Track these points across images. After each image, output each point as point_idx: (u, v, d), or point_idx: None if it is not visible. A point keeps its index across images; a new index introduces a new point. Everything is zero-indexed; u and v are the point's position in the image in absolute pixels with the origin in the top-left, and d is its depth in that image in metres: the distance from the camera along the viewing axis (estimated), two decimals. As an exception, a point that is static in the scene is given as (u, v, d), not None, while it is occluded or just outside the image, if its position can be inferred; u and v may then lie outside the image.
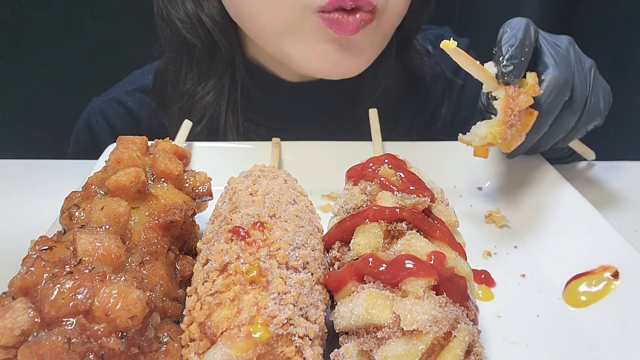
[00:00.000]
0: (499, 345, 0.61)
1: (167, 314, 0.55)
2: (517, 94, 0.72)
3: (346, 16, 0.82)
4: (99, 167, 0.75)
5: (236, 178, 0.70)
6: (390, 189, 0.62)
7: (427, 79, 1.21)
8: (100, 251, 0.51)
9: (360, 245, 0.56)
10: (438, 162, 0.95)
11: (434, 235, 0.57)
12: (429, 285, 0.50)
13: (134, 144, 0.70)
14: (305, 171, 0.86)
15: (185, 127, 0.92)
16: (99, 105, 1.23)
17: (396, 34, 1.00)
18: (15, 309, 0.46)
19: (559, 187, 0.85)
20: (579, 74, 0.78)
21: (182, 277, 0.61)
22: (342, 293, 0.55)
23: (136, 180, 0.60)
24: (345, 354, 0.50)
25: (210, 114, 1.07)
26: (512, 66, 0.72)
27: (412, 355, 0.46)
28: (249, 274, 0.51)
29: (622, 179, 1.01)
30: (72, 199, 0.63)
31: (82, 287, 0.47)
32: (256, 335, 0.46)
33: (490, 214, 0.87)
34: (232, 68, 1.07)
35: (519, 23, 0.75)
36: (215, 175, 0.76)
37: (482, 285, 0.71)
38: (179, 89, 1.09)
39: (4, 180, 0.99)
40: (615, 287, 0.66)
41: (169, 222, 0.59)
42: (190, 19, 1.01)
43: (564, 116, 0.78)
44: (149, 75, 1.22)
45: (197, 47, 1.04)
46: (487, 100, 0.78)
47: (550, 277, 0.73)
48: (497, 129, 0.73)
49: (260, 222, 0.57)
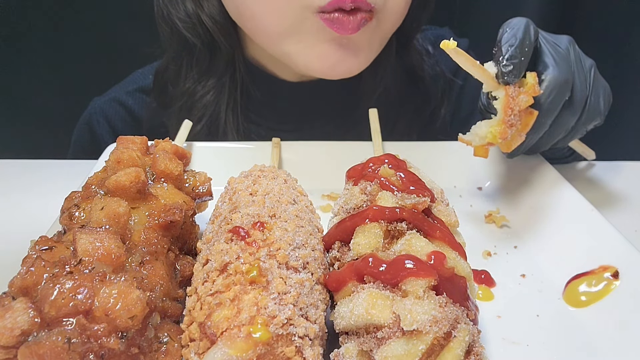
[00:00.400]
0: (499, 345, 0.61)
1: (167, 314, 0.55)
2: (517, 94, 0.72)
3: (346, 15, 0.82)
4: (99, 167, 0.75)
5: (236, 178, 0.70)
6: (390, 189, 0.62)
7: (426, 78, 1.21)
8: (100, 251, 0.51)
9: (360, 245, 0.56)
10: (438, 162, 0.95)
11: (434, 235, 0.57)
12: (429, 285, 0.50)
13: (134, 144, 0.70)
14: (305, 171, 0.86)
15: (185, 127, 0.92)
16: (100, 105, 1.23)
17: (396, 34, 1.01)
18: (15, 309, 0.46)
19: (559, 187, 0.85)
20: (579, 74, 0.78)
21: (182, 277, 0.61)
22: (342, 293, 0.55)
23: (136, 180, 0.60)
24: (345, 354, 0.50)
25: (210, 113, 1.08)
26: (512, 66, 0.72)
27: (412, 355, 0.46)
28: (249, 274, 0.51)
29: (622, 179, 1.01)
30: (72, 199, 0.63)
31: (82, 287, 0.47)
32: (256, 335, 0.46)
33: (490, 214, 0.87)
34: (232, 67, 1.07)
35: (519, 23, 0.75)
36: (215, 175, 0.76)
37: (482, 285, 0.71)
38: (179, 88, 1.10)
39: (4, 180, 0.99)
40: (615, 287, 0.66)
41: (169, 222, 0.59)
42: (191, 19, 1.02)
43: (564, 116, 0.78)
44: (149, 75, 1.22)
45: (197, 46, 1.04)
46: (487, 100, 0.78)
47: (550, 277, 0.73)
48: (497, 128, 0.73)
49: (260, 222, 0.57)
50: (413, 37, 1.15)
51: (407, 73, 1.19)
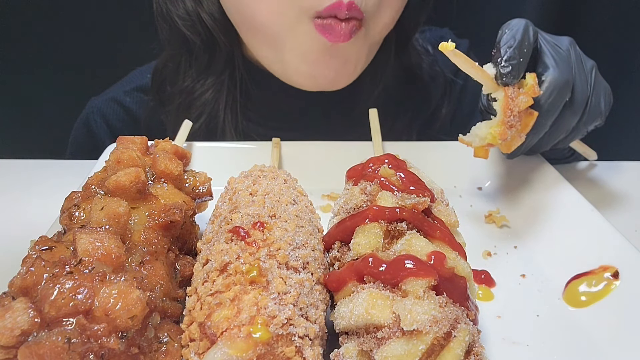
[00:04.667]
0: (499, 345, 0.61)
1: (167, 314, 0.55)
2: (516, 95, 0.72)
3: (339, 23, 0.84)
4: (99, 167, 0.75)
5: (236, 178, 0.70)
6: (390, 189, 0.62)
7: (425, 77, 1.21)
8: (100, 251, 0.51)
9: (360, 245, 0.56)
10: (438, 162, 0.95)
11: (434, 235, 0.58)
12: (429, 285, 0.50)
13: (134, 144, 0.70)
14: (305, 171, 0.86)
15: (185, 127, 0.92)
16: (97, 105, 1.23)
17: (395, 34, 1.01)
18: (15, 309, 0.46)
19: (559, 187, 0.85)
20: (579, 75, 0.78)
21: (182, 277, 0.61)
22: (342, 293, 0.55)
23: (136, 180, 0.60)
24: (345, 354, 0.50)
25: (209, 112, 1.08)
26: (511, 67, 0.72)
27: (412, 355, 0.46)
28: (249, 274, 0.51)
29: (622, 179, 1.01)
30: (72, 199, 0.63)
31: (82, 287, 0.47)
32: (256, 335, 0.46)
33: (490, 214, 0.87)
34: (231, 66, 1.07)
35: (518, 24, 0.75)
36: (215, 175, 0.76)
37: (482, 285, 0.71)
38: (178, 85, 1.10)
39: (4, 180, 0.99)
40: (615, 287, 0.66)
41: (169, 222, 0.59)
42: (190, 16, 1.02)
43: (564, 117, 0.78)
44: (147, 74, 1.22)
45: (197, 44, 1.04)
46: (487, 101, 0.78)
47: (550, 277, 0.73)
48: (496, 129, 0.73)
49: (260, 222, 0.57)
50: (412, 37, 1.16)
51: (406, 73, 1.19)
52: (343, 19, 0.83)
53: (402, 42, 1.13)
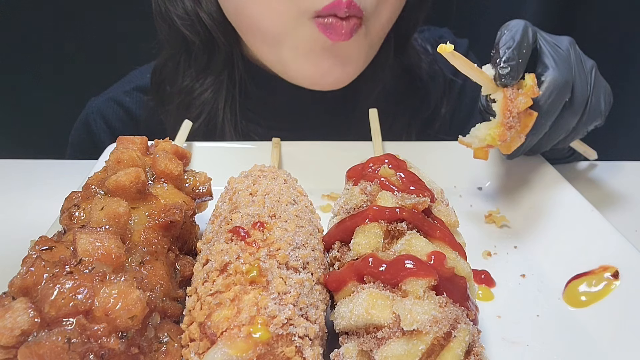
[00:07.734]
0: (499, 345, 0.61)
1: (167, 314, 0.55)
2: (515, 96, 0.72)
3: (340, 21, 0.84)
4: (99, 167, 0.75)
5: (236, 178, 0.70)
6: (390, 189, 0.62)
7: (424, 76, 1.21)
8: (100, 251, 0.51)
9: (360, 245, 0.56)
10: (438, 162, 0.95)
11: (434, 235, 0.58)
12: (429, 285, 0.50)
13: (134, 144, 0.70)
14: (305, 171, 0.86)
15: (185, 127, 0.92)
16: (97, 105, 1.23)
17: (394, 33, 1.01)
18: (15, 309, 0.46)
19: (559, 187, 0.85)
20: (579, 75, 0.78)
21: (182, 277, 0.61)
22: (342, 293, 0.55)
23: (136, 180, 0.60)
24: (345, 354, 0.50)
25: (208, 111, 1.08)
26: (509, 68, 0.72)
27: (412, 356, 0.46)
28: (249, 274, 0.51)
29: (622, 179, 1.01)
30: (72, 199, 0.63)
31: (82, 287, 0.47)
32: (256, 335, 0.46)
33: (490, 214, 0.87)
34: (231, 65, 1.07)
35: (517, 25, 0.75)
36: (215, 175, 0.76)
37: (482, 285, 0.71)
38: (177, 85, 1.10)
39: (4, 180, 0.99)
40: (615, 287, 0.66)
41: (169, 222, 0.59)
42: (189, 16, 1.02)
43: (564, 117, 0.78)
44: (146, 74, 1.22)
45: (196, 43, 1.04)
46: (486, 102, 0.78)
47: (550, 277, 0.73)
48: (496, 130, 0.73)
49: (260, 222, 0.57)
50: (411, 37, 1.16)
51: (405, 72, 1.19)
52: (343, 17, 0.83)
53: (401, 41, 1.13)
